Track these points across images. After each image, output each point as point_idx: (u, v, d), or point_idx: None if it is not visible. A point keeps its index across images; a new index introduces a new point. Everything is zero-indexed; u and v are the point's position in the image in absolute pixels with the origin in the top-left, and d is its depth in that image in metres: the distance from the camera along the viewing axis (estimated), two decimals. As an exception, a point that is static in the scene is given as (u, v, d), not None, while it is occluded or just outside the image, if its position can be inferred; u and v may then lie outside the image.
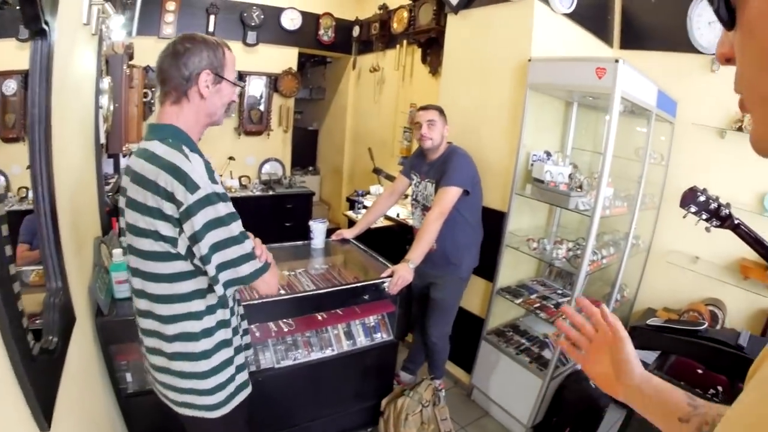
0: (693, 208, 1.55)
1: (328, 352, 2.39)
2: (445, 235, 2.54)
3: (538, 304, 2.89)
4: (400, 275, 2.34)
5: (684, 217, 1.59)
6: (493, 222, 2.87)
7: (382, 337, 2.58)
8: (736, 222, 1.52)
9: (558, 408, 2.82)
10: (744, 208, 3.04)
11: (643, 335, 2.06)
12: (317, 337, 2.41)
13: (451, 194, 2.47)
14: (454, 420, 2.76)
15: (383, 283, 2.36)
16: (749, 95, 0.41)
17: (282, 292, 2.25)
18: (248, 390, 1.59)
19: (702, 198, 1.53)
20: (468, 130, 2.98)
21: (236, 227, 1.29)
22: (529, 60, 2.66)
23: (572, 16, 2.88)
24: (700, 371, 2.11)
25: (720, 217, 1.53)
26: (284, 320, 2.32)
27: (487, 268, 2.95)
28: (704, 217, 1.55)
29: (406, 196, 3.37)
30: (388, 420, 2.60)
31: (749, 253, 3.16)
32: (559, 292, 3.15)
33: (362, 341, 2.51)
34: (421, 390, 2.63)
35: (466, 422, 2.99)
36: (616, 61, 2.27)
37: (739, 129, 3.01)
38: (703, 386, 2.00)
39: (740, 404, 0.42)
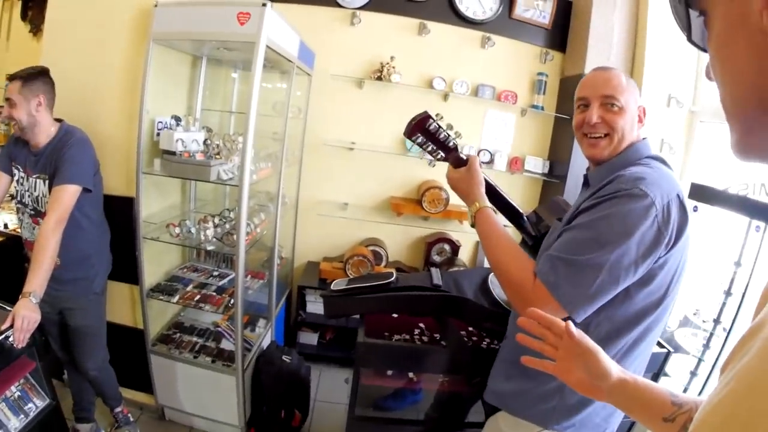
0: (420, 138, 1.39)
1: None
2: (68, 244, 2.03)
3: (198, 296, 2.64)
4: (23, 316, 1.76)
5: (409, 149, 1.42)
6: (120, 212, 2.43)
7: (36, 405, 1.98)
8: (461, 156, 1.42)
9: (263, 395, 2.70)
10: (388, 151, 3.30)
11: (332, 304, 1.93)
12: None
13: (69, 195, 1.99)
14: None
15: (7, 338, 1.75)
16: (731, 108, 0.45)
17: None
18: None
19: (433, 125, 1.38)
20: (77, 102, 2.39)
21: None
22: (156, 5, 2.25)
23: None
24: (395, 315, 2.12)
25: (446, 148, 1.41)
26: None
27: (127, 269, 2.51)
28: (430, 148, 1.41)
29: (12, 197, 2.58)
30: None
31: (397, 190, 3.51)
32: (216, 273, 2.97)
33: (16, 424, 1.88)
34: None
35: (173, 447, 2.64)
36: (264, 4, 2.09)
37: (379, 78, 3.25)
38: (406, 330, 2.01)
39: (710, 402, 0.43)
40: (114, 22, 2.40)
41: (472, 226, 1.38)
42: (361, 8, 3.25)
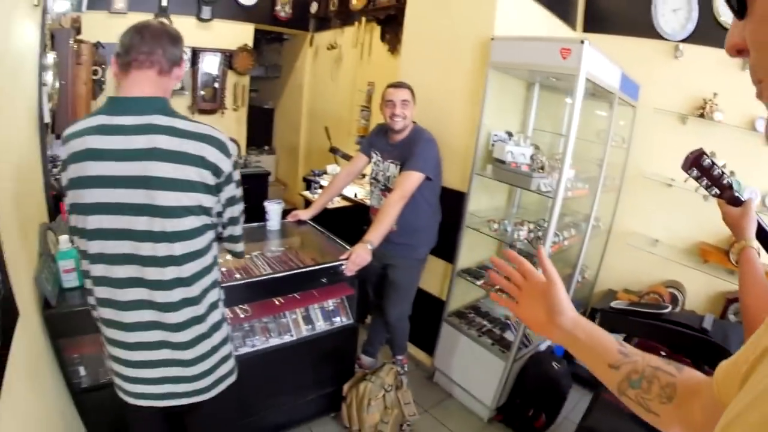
0: (695, 172, 1.43)
1: (287, 338, 2.38)
2: (405, 216, 2.57)
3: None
4: (358, 254, 2.36)
5: (685, 180, 1.51)
6: (453, 202, 2.91)
7: (341, 320, 2.59)
8: (736, 195, 1.44)
9: (521, 389, 2.91)
10: (705, 193, 3.14)
11: (607, 318, 2.11)
12: (275, 323, 2.40)
13: (415, 179, 2.51)
14: (417, 403, 2.80)
15: (341, 265, 2.36)
16: None
17: (237, 276, 2.23)
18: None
19: (707, 161, 1.42)
20: (428, 109, 2.98)
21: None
22: (492, 39, 2.68)
23: (536, -5, 2.93)
24: (663, 353, 2.17)
25: (720, 185, 1.44)
26: (240, 306, 2.28)
27: (447, 249, 3.00)
28: (705, 183, 1.44)
29: (364, 176, 3.38)
30: (350, 405, 2.64)
31: (709, 237, 3.30)
32: None
33: (321, 326, 2.51)
34: (383, 374, 2.67)
35: (429, 405, 3.05)
36: (582, 42, 2.30)
37: (701, 116, 3.12)
38: None
39: (734, 410, 0.44)
40: (458, 50, 2.90)
41: (736, 263, 1.40)
42: (683, 41, 3.16)
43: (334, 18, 5.17)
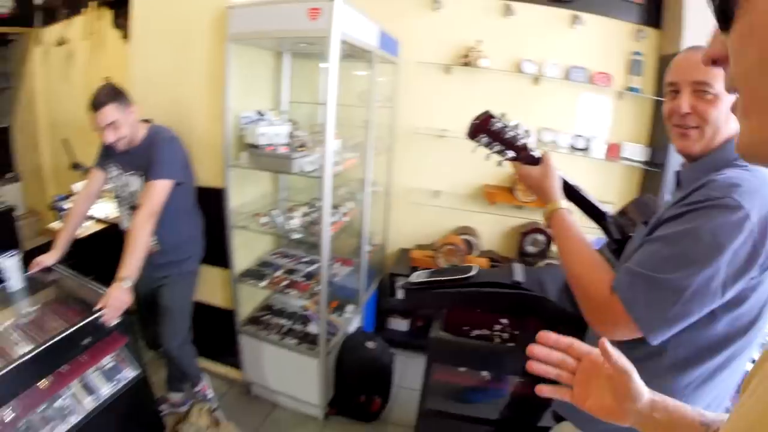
0: (485, 139, 1.31)
1: (74, 420, 1.88)
2: (164, 232, 2.25)
3: (286, 281, 2.75)
4: (115, 297, 1.96)
5: (473, 151, 1.35)
6: (212, 202, 2.59)
7: (126, 375, 2.13)
8: (533, 154, 1.32)
9: (344, 380, 2.80)
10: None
11: (411, 297, 1.95)
12: (52, 409, 1.86)
13: (161, 189, 2.17)
14: (243, 427, 2.57)
15: (99, 317, 1.93)
16: (748, 99, 0.41)
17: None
18: None
19: (498, 125, 1.30)
20: (166, 101, 2.61)
21: None
22: (229, 7, 2.38)
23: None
24: (479, 310, 2.09)
25: (515, 147, 1.31)
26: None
27: (219, 254, 2.69)
28: (497, 149, 1.32)
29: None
30: (171, 462, 2.31)
31: (491, 179, 3.42)
32: (305, 260, 3.06)
33: (107, 390, 2.03)
34: (194, 419, 2.43)
35: (257, 422, 2.77)
36: None
37: (466, 64, 3.19)
38: (488, 325, 1.98)
39: (735, 413, 0.46)
40: (193, 26, 2.55)
41: (548, 227, 1.29)
42: (441, -8, 3.20)
43: (61, 7, 4.39)
